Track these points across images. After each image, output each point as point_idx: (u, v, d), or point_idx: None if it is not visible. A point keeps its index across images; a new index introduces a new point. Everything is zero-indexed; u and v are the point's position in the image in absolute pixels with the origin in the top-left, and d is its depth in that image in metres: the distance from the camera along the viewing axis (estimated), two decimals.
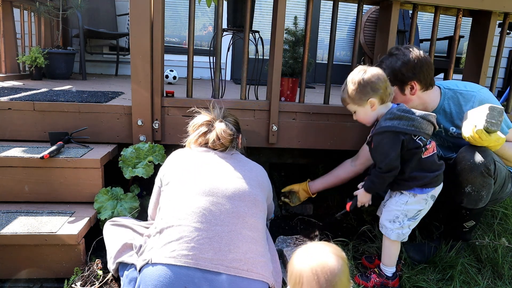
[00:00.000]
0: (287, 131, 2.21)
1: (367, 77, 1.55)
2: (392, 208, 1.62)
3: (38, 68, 3.39)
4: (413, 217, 1.61)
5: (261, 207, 1.49)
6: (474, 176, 1.62)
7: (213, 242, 1.29)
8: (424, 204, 1.60)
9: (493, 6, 2.16)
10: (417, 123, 1.51)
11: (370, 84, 1.55)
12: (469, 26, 2.38)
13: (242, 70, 2.11)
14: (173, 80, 3.79)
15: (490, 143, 1.58)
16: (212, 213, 1.34)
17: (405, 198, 1.59)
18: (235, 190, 1.43)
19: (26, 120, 2.03)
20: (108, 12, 4.41)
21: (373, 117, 1.62)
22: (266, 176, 1.66)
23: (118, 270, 1.50)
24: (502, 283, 1.77)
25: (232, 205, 1.38)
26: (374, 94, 1.56)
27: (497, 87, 4.91)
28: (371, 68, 1.59)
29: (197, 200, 1.37)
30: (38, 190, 1.84)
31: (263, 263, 1.35)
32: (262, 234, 1.43)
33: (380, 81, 1.55)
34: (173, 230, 1.31)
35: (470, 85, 1.84)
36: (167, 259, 1.24)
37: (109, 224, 1.65)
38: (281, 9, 2.02)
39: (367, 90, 1.56)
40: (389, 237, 1.62)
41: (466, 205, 1.70)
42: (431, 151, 1.57)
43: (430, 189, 1.58)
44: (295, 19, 2.55)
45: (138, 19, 1.91)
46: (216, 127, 1.62)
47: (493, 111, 1.52)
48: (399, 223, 1.60)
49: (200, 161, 1.55)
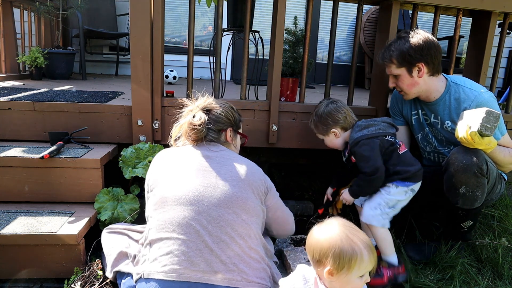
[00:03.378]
0: (287, 131, 2.21)
1: (327, 110, 1.78)
2: (374, 199, 1.72)
3: (38, 68, 3.39)
4: (393, 206, 1.70)
5: (253, 211, 1.38)
6: (468, 177, 1.63)
7: (203, 253, 1.25)
8: (404, 195, 1.70)
9: (493, 6, 2.16)
10: (382, 126, 1.72)
11: (330, 116, 1.77)
12: (469, 26, 2.38)
13: (242, 70, 2.11)
14: (173, 80, 3.79)
15: (481, 146, 1.59)
16: (200, 223, 1.29)
17: (388, 189, 1.70)
18: (221, 196, 1.33)
19: (26, 120, 2.03)
20: (108, 12, 4.41)
21: (340, 142, 1.83)
22: (259, 174, 1.49)
23: (116, 278, 1.51)
24: (502, 283, 1.77)
25: (219, 213, 1.31)
26: (335, 125, 1.78)
27: (497, 87, 4.90)
28: (335, 101, 1.82)
29: (182, 210, 1.31)
30: (38, 190, 1.84)
31: (259, 270, 1.32)
32: (256, 240, 1.37)
33: (339, 113, 1.77)
34: (162, 244, 1.29)
35: (475, 85, 1.84)
36: (158, 274, 1.24)
37: (106, 232, 1.65)
38: (281, 9, 2.02)
39: (328, 122, 1.78)
40: (371, 223, 1.69)
41: (462, 205, 1.71)
42: (404, 148, 1.74)
43: (411, 183, 1.69)
44: (295, 19, 2.55)
45: (138, 19, 1.91)
46: (188, 116, 1.51)
47: (489, 116, 1.52)
48: (380, 210, 1.69)
49: (181, 164, 1.44)
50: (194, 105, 1.55)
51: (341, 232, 1.10)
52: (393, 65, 1.80)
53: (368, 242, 1.10)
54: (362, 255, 1.07)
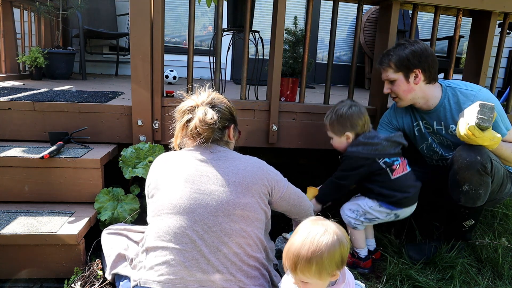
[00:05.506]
0: (287, 131, 2.21)
1: (349, 113, 1.74)
2: (357, 203, 1.77)
3: (38, 68, 3.39)
4: (370, 219, 1.76)
5: (253, 216, 1.33)
6: (471, 174, 1.62)
7: (200, 263, 1.24)
8: (384, 216, 1.74)
9: (493, 6, 2.16)
10: (381, 147, 1.69)
11: (351, 120, 1.74)
12: (469, 26, 2.38)
13: (242, 70, 2.11)
14: (173, 80, 3.79)
15: (484, 141, 1.59)
16: (196, 233, 1.26)
17: (371, 203, 1.74)
18: (218, 204, 1.28)
19: (26, 120, 2.03)
20: (108, 12, 4.41)
21: (346, 147, 1.80)
22: (260, 173, 1.39)
23: (115, 279, 1.51)
24: (502, 283, 1.77)
25: (216, 222, 1.27)
26: (351, 130, 1.75)
27: (497, 87, 4.90)
28: (358, 105, 1.78)
29: (178, 219, 1.28)
30: (38, 190, 1.84)
31: (257, 277, 1.31)
32: (256, 247, 1.33)
33: (360, 119, 1.74)
34: (158, 253, 1.27)
35: (470, 85, 1.85)
36: (155, 283, 1.23)
37: (105, 233, 1.65)
38: (281, 9, 2.02)
39: (346, 125, 1.75)
40: (343, 219, 1.78)
41: (465, 203, 1.71)
42: (401, 171, 1.72)
43: (395, 208, 1.72)
44: (295, 19, 2.55)
45: (138, 19, 1.91)
46: (197, 113, 1.38)
47: (483, 108, 1.54)
48: (355, 215, 1.76)
49: (179, 170, 1.37)
50: (198, 100, 1.41)
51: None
52: (391, 69, 1.83)
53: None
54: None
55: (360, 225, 1.77)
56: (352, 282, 1.18)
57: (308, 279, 1.07)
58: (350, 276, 1.19)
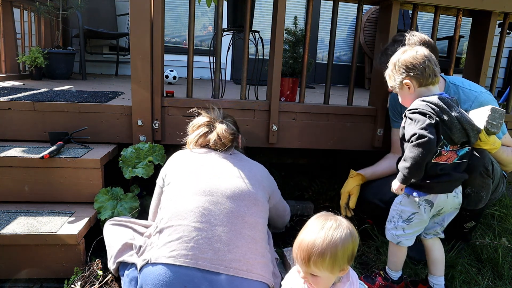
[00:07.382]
0: (287, 131, 2.21)
1: (404, 58, 1.48)
2: (391, 209, 1.62)
3: (38, 68, 3.39)
4: (407, 219, 1.54)
5: (262, 206, 1.49)
6: (474, 177, 1.62)
7: (212, 242, 1.29)
8: (417, 207, 1.51)
9: (493, 6, 2.16)
10: (448, 123, 1.40)
11: (406, 64, 1.46)
12: (469, 26, 2.38)
13: (242, 70, 2.11)
14: (173, 80, 3.79)
15: (486, 146, 1.58)
16: (212, 213, 1.35)
17: (400, 197, 1.57)
18: (235, 190, 1.44)
19: (26, 120, 2.03)
20: (108, 12, 4.41)
21: (412, 99, 1.51)
22: (267, 175, 1.67)
23: (118, 269, 1.50)
24: (502, 283, 1.77)
25: (232, 205, 1.39)
26: (407, 75, 1.47)
27: (497, 87, 4.91)
28: (418, 47, 1.50)
29: (196, 200, 1.38)
30: (38, 190, 1.84)
31: (263, 263, 1.35)
32: (263, 234, 1.43)
33: (417, 62, 1.44)
34: (172, 229, 1.32)
35: (474, 85, 1.83)
36: (166, 258, 1.25)
37: (109, 224, 1.65)
38: (281, 9, 2.02)
39: (401, 71, 1.48)
40: (387, 237, 1.62)
41: (467, 206, 1.70)
42: (444, 160, 1.46)
43: (422, 194, 1.48)
44: (295, 19, 2.55)
45: (138, 19, 1.91)
46: (217, 127, 1.66)
47: (494, 113, 1.50)
48: (394, 223, 1.58)
49: (200, 161, 1.57)
50: (213, 115, 1.72)
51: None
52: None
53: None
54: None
55: (404, 237, 1.55)
56: (356, 281, 1.18)
57: (320, 271, 1.07)
58: (354, 276, 1.19)
